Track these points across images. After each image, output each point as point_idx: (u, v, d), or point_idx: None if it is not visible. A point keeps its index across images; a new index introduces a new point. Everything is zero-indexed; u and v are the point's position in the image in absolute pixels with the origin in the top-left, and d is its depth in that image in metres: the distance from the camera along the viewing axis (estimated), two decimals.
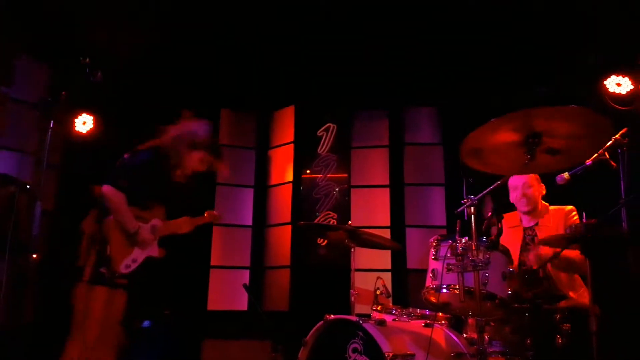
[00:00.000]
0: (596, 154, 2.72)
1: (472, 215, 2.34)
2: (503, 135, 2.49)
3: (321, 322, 2.79)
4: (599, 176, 2.78)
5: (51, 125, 2.19)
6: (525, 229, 3.35)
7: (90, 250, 2.91)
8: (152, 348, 4.11)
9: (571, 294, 3.06)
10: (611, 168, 2.79)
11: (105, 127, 5.07)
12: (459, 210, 2.40)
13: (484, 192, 2.42)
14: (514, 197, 3.34)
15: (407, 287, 4.94)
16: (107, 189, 2.90)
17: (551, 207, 3.35)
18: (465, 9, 4.37)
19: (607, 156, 2.75)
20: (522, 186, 3.31)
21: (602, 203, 2.94)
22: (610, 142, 2.72)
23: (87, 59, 2.40)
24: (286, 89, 5.43)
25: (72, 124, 5.00)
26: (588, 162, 2.74)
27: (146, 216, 3.09)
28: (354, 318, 2.66)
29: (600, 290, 2.55)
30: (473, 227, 2.33)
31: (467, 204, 2.34)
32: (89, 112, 5.06)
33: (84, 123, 5.05)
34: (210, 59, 5.05)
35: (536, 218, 3.33)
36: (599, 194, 3.15)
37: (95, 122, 5.07)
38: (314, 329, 2.81)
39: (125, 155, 3.09)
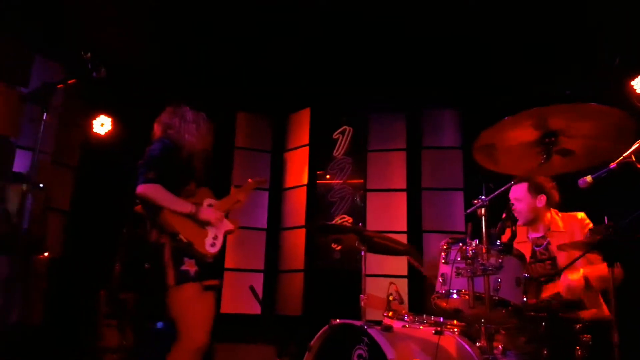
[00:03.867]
0: (622, 157, 2.58)
1: (483, 217, 2.23)
2: (518, 134, 2.39)
3: (326, 327, 2.71)
4: (624, 180, 2.64)
5: (44, 117, 2.16)
6: (533, 240, 3.21)
7: (163, 254, 2.82)
8: (163, 350, 4.07)
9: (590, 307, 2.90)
10: (637, 172, 2.63)
11: (123, 128, 5.11)
12: (469, 211, 2.29)
13: (496, 192, 2.30)
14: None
15: (423, 294, 4.80)
16: (140, 188, 2.85)
17: (561, 214, 3.20)
18: (488, 6, 4.25)
19: (634, 159, 2.60)
20: (513, 200, 3.17)
21: (626, 209, 2.77)
22: (637, 145, 2.56)
23: (89, 54, 2.36)
24: (302, 91, 5.38)
25: (91, 125, 5.06)
26: (613, 165, 2.59)
27: (196, 201, 3.04)
28: (359, 323, 2.56)
29: (623, 298, 2.42)
30: (484, 229, 2.22)
31: (478, 204, 2.23)
32: (107, 113, 5.10)
33: (102, 125, 5.10)
34: (226, 62, 5.05)
35: (544, 227, 3.19)
36: (623, 199, 3.00)
37: (114, 123, 5.12)
38: (318, 334, 2.73)
39: (143, 158, 3.06)
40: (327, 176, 5.31)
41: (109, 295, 3.87)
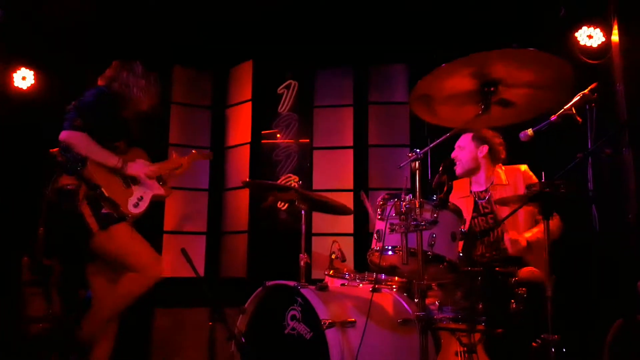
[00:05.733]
0: (562, 110, 2.53)
1: (417, 171, 2.12)
2: (456, 84, 2.27)
3: (260, 289, 2.59)
4: (565, 133, 2.59)
5: None
6: (476, 194, 3.18)
7: (82, 204, 2.72)
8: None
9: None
10: (577, 124, 2.59)
11: (48, 83, 4.70)
12: (402, 164, 2.17)
13: (430, 145, 2.19)
14: (452, 155, 3.18)
15: None
16: (65, 134, 2.73)
17: (504, 167, 3.18)
18: None
19: (574, 112, 2.55)
20: (456, 147, 3.14)
21: (568, 162, 2.74)
22: (578, 98, 2.53)
23: None
24: (243, 43, 5.05)
25: (10, 78, 4.62)
26: (553, 117, 2.55)
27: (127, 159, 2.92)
28: (292, 283, 2.45)
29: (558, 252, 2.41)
30: (417, 184, 2.12)
31: (412, 158, 2.12)
32: (29, 66, 4.67)
33: (23, 78, 4.67)
34: (161, 11, 4.67)
35: (487, 180, 3.16)
36: (564, 153, 2.98)
37: (37, 77, 4.69)
38: (252, 296, 2.63)
39: (73, 103, 2.89)
40: (278, 135, 5.11)
41: (32, 261, 3.61)
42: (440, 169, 2.48)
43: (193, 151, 3.40)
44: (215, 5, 4.68)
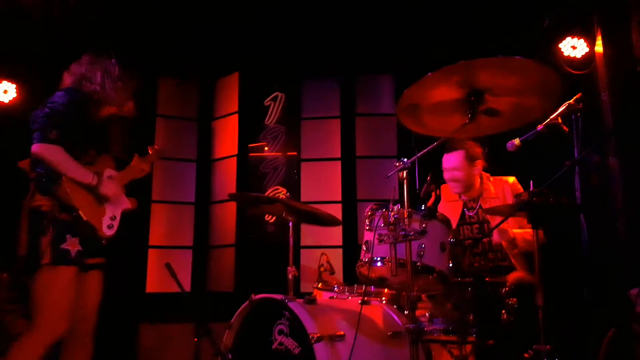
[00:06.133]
0: (549, 119, 2.54)
1: (405, 181, 2.09)
2: (443, 93, 2.26)
3: (246, 303, 2.53)
4: (551, 143, 2.59)
5: None
6: (465, 203, 3.17)
7: (46, 228, 2.45)
8: None
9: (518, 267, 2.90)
10: (564, 133, 2.59)
11: (30, 96, 4.62)
12: (389, 174, 2.14)
13: (418, 154, 2.16)
14: (445, 177, 3.16)
15: None
16: (39, 148, 2.44)
17: (492, 178, 3.18)
18: None
19: (560, 121, 2.56)
20: (451, 169, 3.12)
21: (554, 172, 2.74)
22: (563, 107, 2.55)
23: None
24: (230, 55, 5.04)
25: None
26: (540, 127, 2.55)
27: (96, 170, 2.64)
28: (279, 297, 2.39)
29: (548, 262, 2.39)
30: (405, 193, 2.09)
31: (399, 167, 2.09)
32: (11, 79, 4.59)
33: (5, 92, 4.60)
34: (146, 22, 4.63)
35: (477, 192, 3.17)
36: (551, 162, 2.98)
37: (19, 90, 4.62)
38: (239, 310, 2.56)
39: (41, 107, 2.59)
40: (266, 148, 5.07)
41: (11, 278, 3.50)
42: (428, 178, 2.46)
43: (150, 152, 3.06)
44: (201, 16, 4.66)
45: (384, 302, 2.69)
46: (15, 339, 2.58)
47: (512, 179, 3.15)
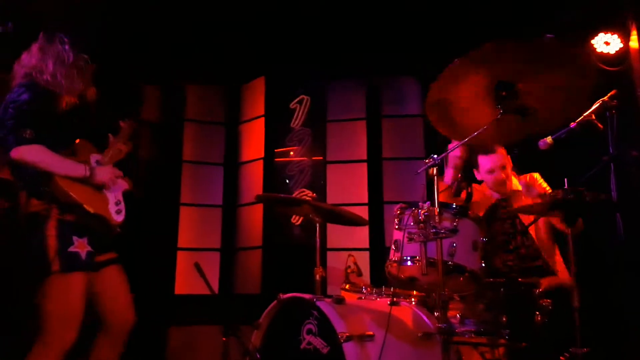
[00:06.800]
0: (582, 117, 2.47)
1: (435, 178, 2.06)
2: (471, 86, 2.22)
3: (275, 302, 2.52)
4: (585, 141, 2.52)
5: None
6: (498, 201, 3.11)
7: (49, 236, 2.28)
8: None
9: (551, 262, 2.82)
10: (598, 130, 2.52)
11: None
12: (419, 171, 2.11)
13: (447, 152, 2.13)
14: (489, 178, 3.08)
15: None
16: (16, 152, 2.25)
17: (517, 177, 3.13)
18: None
19: (594, 118, 2.49)
20: (497, 169, 3.05)
21: (588, 170, 2.66)
22: (597, 105, 2.47)
23: None
24: (255, 59, 5.08)
25: None
26: (573, 124, 2.49)
27: (80, 159, 2.47)
28: (307, 296, 2.38)
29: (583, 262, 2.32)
30: (435, 190, 2.05)
31: (429, 163, 2.06)
32: None
33: None
34: (173, 31, 4.71)
35: (508, 189, 3.12)
36: (585, 160, 2.90)
37: None
38: (267, 310, 2.55)
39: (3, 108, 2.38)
40: (291, 153, 5.09)
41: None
42: (459, 175, 2.42)
43: (122, 126, 2.70)
44: (227, 24, 4.72)
45: (413, 303, 2.66)
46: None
47: (535, 175, 3.11)
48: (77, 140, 2.50)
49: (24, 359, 2.29)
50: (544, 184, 3.02)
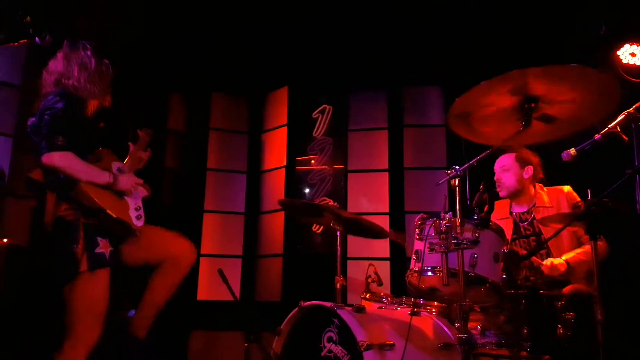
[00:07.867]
0: (607, 128, 2.44)
1: (457, 189, 2.08)
2: (495, 100, 2.24)
3: (296, 310, 2.56)
4: (609, 153, 2.50)
5: None
6: (517, 215, 3.08)
7: (77, 235, 2.39)
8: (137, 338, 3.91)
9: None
10: (623, 143, 2.49)
11: None
12: (441, 182, 2.13)
13: (470, 162, 2.14)
14: (495, 179, 3.09)
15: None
16: (48, 158, 2.36)
17: (546, 188, 3.08)
18: None
19: (619, 129, 2.46)
20: (499, 169, 3.05)
21: (612, 182, 2.63)
22: (622, 116, 2.43)
23: (28, 17, 2.10)
24: (279, 69, 5.17)
25: None
26: (597, 136, 2.46)
27: (103, 167, 2.57)
28: (329, 304, 2.41)
29: (608, 274, 2.29)
30: (457, 201, 2.07)
31: (451, 175, 2.08)
32: None
33: None
34: (199, 42, 4.83)
35: (529, 202, 3.07)
36: (609, 172, 2.87)
37: None
38: (288, 317, 2.58)
39: (32, 119, 2.50)
40: (312, 161, 5.14)
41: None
42: (481, 186, 2.42)
43: (140, 135, 2.77)
44: (252, 34, 4.81)
45: (433, 313, 2.66)
46: None
47: (567, 188, 3.04)
48: (100, 149, 2.60)
49: (52, 357, 2.39)
50: (577, 197, 2.98)
